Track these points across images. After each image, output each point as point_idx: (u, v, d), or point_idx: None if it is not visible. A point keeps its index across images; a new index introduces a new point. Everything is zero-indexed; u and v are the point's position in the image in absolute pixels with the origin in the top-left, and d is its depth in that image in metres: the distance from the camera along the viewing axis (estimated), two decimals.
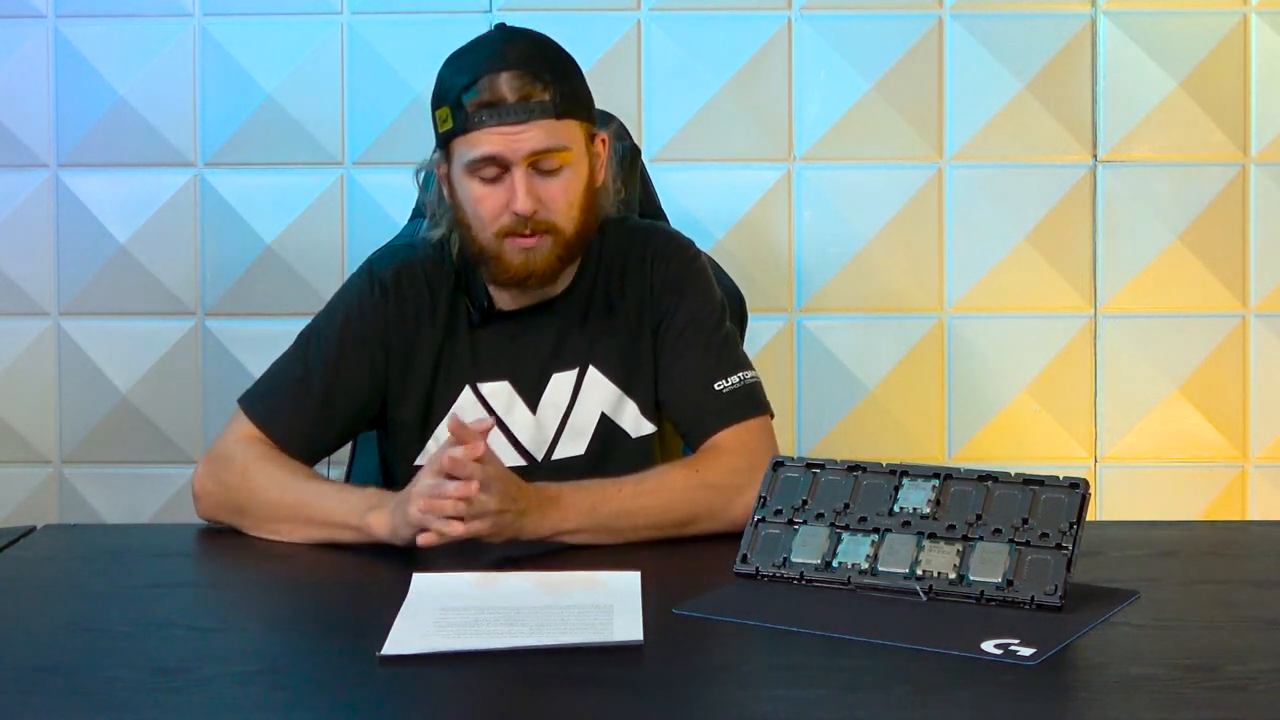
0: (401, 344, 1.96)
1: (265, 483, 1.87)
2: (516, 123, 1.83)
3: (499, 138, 1.84)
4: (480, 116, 1.84)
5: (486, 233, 1.88)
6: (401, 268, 1.98)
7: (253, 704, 1.30)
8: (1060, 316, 2.95)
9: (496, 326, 1.97)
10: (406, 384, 1.96)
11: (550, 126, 1.85)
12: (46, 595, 1.68)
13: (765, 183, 2.94)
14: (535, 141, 1.84)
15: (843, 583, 1.60)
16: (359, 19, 2.94)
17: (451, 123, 1.86)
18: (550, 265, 1.89)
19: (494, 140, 1.84)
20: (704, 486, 1.84)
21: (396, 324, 1.95)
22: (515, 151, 1.84)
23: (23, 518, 2.91)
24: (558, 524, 1.77)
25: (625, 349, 1.97)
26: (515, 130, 1.83)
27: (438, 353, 1.96)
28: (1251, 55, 2.92)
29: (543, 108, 1.84)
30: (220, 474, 1.90)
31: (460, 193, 1.90)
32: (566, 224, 1.88)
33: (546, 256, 1.88)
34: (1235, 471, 2.96)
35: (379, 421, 2.01)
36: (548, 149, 1.85)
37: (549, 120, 1.85)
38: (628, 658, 1.39)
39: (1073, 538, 1.56)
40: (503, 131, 1.84)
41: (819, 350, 2.95)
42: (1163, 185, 2.94)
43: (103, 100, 2.93)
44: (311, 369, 1.95)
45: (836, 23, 2.93)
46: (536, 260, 1.88)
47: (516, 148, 1.84)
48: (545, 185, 1.86)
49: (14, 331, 2.96)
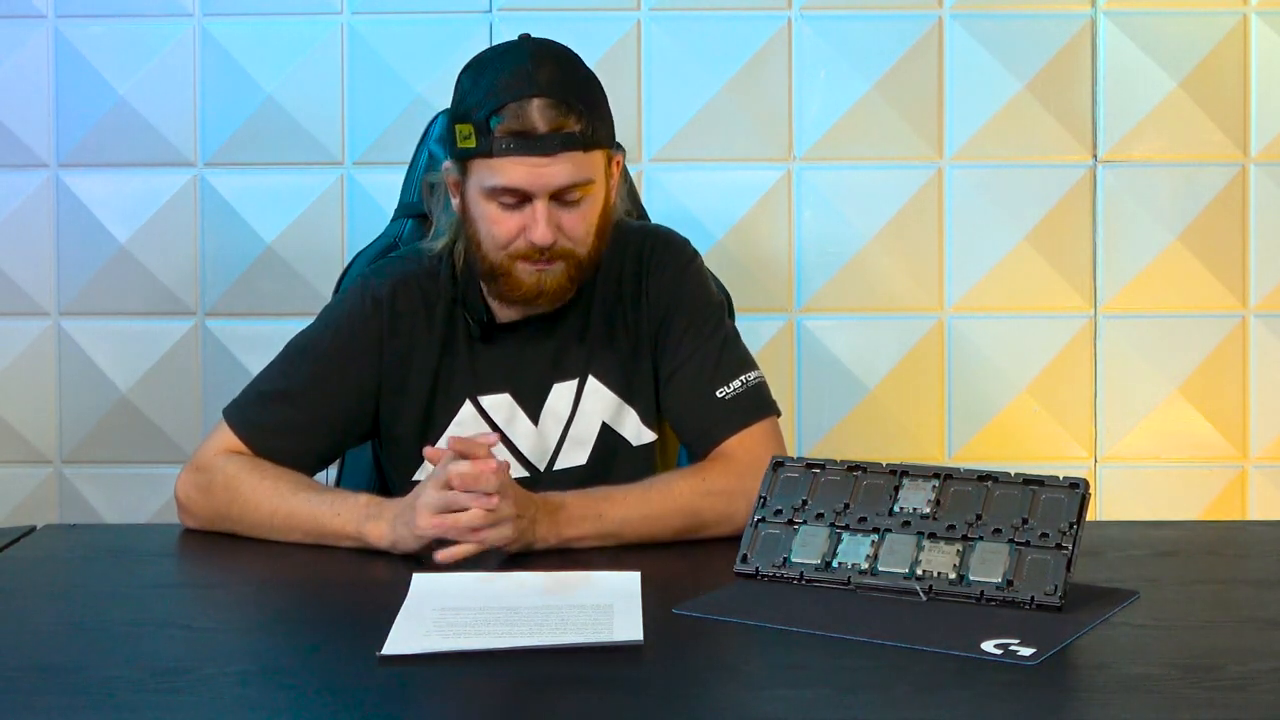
0: (396, 359, 1.94)
1: (253, 495, 1.84)
2: (545, 154, 1.79)
3: (526, 171, 1.79)
4: (508, 144, 1.79)
5: (499, 254, 1.86)
6: (398, 282, 1.96)
7: (253, 704, 1.30)
8: (1060, 316, 2.95)
9: (496, 339, 1.96)
10: (403, 399, 1.95)
11: (578, 160, 1.81)
12: (46, 595, 1.68)
13: (765, 183, 2.94)
14: (562, 176, 1.80)
15: (843, 583, 1.60)
16: (359, 19, 2.94)
17: (475, 143, 1.81)
18: (561, 287, 1.88)
19: (520, 173, 1.80)
20: (710, 494, 1.83)
21: (391, 339, 1.94)
22: (542, 187, 1.80)
23: (23, 518, 2.91)
24: (563, 530, 1.76)
25: (624, 358, 1.97)
26: (543, 163, 1.79)
27: (435, 367, 1.94)
28: (1251, 55, 2.92)
29: (572, 140, 1.80)
30: (205, 484, 1.89)
31: (474, 209, 1.86)
32: (582, 250, 1.87)
33: (559, 279, 1.86)
34: (1235, 471, 2.96)
35: (371, 436, 2.00)
36: (573, 183, 1.82)
37: (578, 153, 1.80)
38: (628, 658, 1.38)
39: (1073, 538, 1.56)
40: (530, 164, 1.79)
41: (819, 350, 2.95)
42: (1163, 185, 2.94)
43: (103, 100, 2.93)
44: (298, 383, 1.93)
45: (836, 23, 2.93)
46: (548, 282, 1.86)
47: (544, 183, 1.80)
48: (565, 215, 1.84)
49: (14, 331, 2.96)
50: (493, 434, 1.78)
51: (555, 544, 1.75)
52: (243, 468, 1.87)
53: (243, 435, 1.91)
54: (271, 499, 1.83)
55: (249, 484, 1.85)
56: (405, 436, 1.95)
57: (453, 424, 1.94)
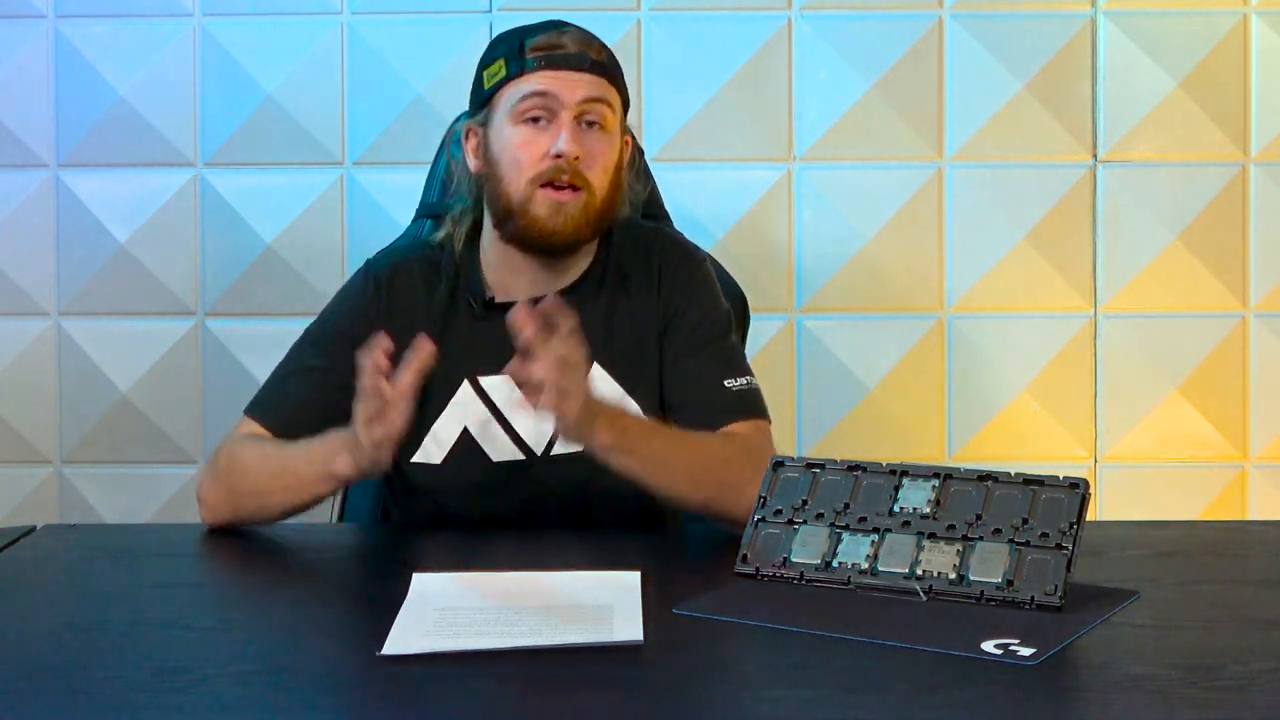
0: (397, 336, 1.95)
1: (249, 459, 1.88)
2: (575, 69, 1.89)
3: (555, 79, 1.89)
4: (539, 60, 1.89)
5: (521, 179, 1.89)
6: (397, 264, 2.00)
7: (253, 704, 1.30)
8: (1060, 316, 2.96)
9: (497, 321, 1.97)
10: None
11: (603, 84, 1.91)
12: (46, 595, 1.68)
13: (765, 183, 2.94)
14: (588, 87, 1.89)
15: (843, 583, 1.60)
16: (359, 19, 2.94)
17: (505, 71, 1.91)
18: (577, 226, 1.90)
19: (550, 80, 1.89)
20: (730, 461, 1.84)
21: (390, 316, 1.95)
22: (570, 93, 1.88)
23: (23, 518, 2.91)
24: (621, 436, 1.77)
25: (629, 349, 1.97)
26: (572, 76, 1.89)
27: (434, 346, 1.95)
28: (1251, 55, 2.92)
29: (599, 66, 1.91)
30: (214, 470, 1.91)
31: (497, 145, 1.92)
32: (599, 186, 1.91)
33: (575, 216, 1.89)
34: (1235, 471, 2.96)
35: None
36: (600, 97, 1.90)
37: (603, 79, 1.91)
38: (628, 658, 1.38)
39: (1073, 538, 1.56)
40: (560, 74, 1.89)
41: (819, 350, 2.95)
42: (1163, 185, 2.94)
43: (103, 100, 2.93)
44: (308, 363, 1.96)
45: (836, 23, 2.93)
46: (565, 217, 1.89)
47: (572, 89, 1.88)
48: (588, 139, 1.90)
49: (14, 331, 2.96)
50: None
51: (608, 443, 1.76)
52: (244, 441, 1.92)
53: (260, 419, 1.94)
54: (264, 455, 1.87)
55: (248, 454, 1.89)
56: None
57: (451, 404, 1.95)
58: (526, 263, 1.95)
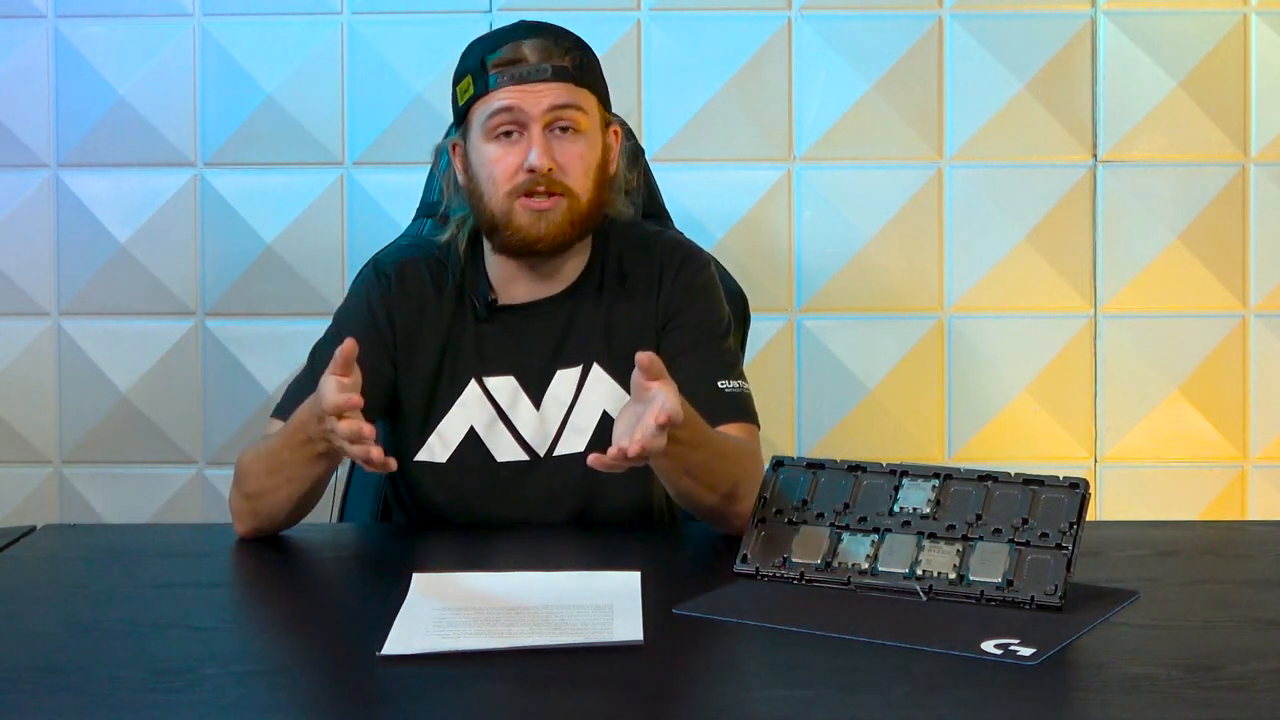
0: (407, 331, 1.97)
1: (248, 461, 1.87)
2: (537, 81, 1.88)
3: (519, 93, 1.88)
4: (501, 76, 1.88)
5: (499, 193, 1.89)
6: (405, 262, 2.00)
7: (253, 704, 1.30)
8: (1060, 316, 2.95)
9: (501, 321, 1.97)
10: (411, 374, 1.97)
11: (570, 89, 1.90)
12: (46, 595, 1.68)
13: (765, 183, 2.94)
14: (553, 97, 1.88)
15: (843, 583, 1.60)
16: (359, 19, 2.94)
17: (473, 89, 1.90)
18: (561, 230, 1.90)
19: (515, 95, 1.88)
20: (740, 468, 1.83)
21: (402, 310, 1.96)
22: (535, 105, 1.87)
23: (23, 518, 2.91)
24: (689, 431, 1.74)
25: (629, 350, 1.97)
26: (536, 88, 1.88)
27: (442, 345, 1.96)
28: (1251, 55, 2.92)
29: (563, 72, 1.89)
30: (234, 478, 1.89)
31: (475, 160, 1.92)
32: (580, 190, 1.90)
33: (558, 222, 1.89)
34: (1235, 471, 2.96)
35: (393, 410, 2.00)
36: (567, 104, 1.89)
37: (569, 85, 1.89)
38: (628, 658, 1.38)
39: (1073, 538, 1.56)
40: (523, 89, 1.88)
41: (819, 350, 2.95)
42: (1163, 185, 2.94)
43: (103, 100, 2.93)
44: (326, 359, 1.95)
45: (836, 23, 2.93)
46: (547, 224, 1.89)
47: (537, 100, 1.87)
48: (561, 147, 1.89)
49: (14, 331, 2.96)
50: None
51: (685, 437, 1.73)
52: (254, 442, 1.91)
53: (278, 416, 1.93)
54: (258, 459, 1.86)
55: (247, 457, 1.88)
56: (410, 412, 1.97)
57: (457, 403, 1.95)
58: (520, 268, 1.96)
